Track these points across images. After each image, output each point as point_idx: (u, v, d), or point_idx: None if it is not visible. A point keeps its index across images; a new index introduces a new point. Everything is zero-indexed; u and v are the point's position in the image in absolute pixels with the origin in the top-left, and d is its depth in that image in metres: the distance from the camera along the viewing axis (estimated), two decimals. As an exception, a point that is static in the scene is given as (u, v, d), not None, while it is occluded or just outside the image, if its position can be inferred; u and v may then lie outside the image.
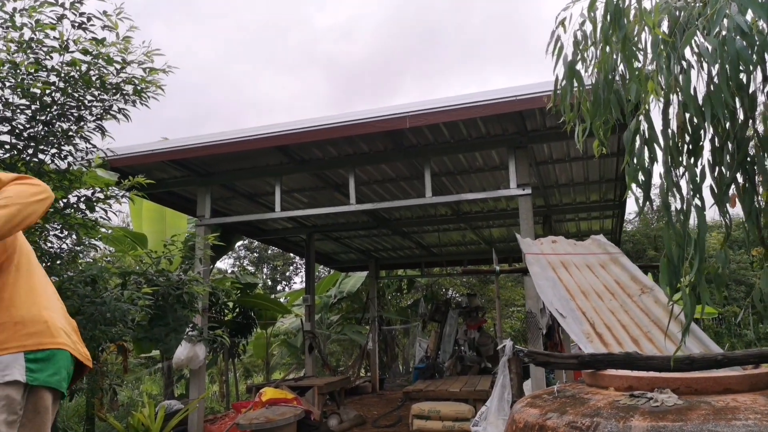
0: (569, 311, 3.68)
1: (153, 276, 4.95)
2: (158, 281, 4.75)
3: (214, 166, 7.99)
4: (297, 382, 8.62)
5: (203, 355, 7.49)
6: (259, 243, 39.50)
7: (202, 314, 7.86)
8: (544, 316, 6.74)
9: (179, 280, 4.87)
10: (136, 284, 4.63)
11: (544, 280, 4.07)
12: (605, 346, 3.33)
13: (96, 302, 3.62)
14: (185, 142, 6.96)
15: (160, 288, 4.62)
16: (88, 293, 3.65)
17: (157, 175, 8.34)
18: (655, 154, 2.80)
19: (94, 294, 3.70)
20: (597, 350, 3.28)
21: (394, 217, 10.83)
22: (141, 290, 4.16)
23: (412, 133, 6.92)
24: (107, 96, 4.04)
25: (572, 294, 3.94)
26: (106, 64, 3.94)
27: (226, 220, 8.51)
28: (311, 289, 11.15)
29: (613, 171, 8.27)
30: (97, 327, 3.56)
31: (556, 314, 3.59)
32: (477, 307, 11.62)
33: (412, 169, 8.11)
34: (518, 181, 6.72)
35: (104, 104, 4.07)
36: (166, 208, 10.26)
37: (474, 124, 6.68)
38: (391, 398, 12.41)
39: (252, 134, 6.71)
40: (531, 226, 6.54)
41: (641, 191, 2.82)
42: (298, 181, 8.78)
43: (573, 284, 4.09)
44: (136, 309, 3.99)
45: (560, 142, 7.13)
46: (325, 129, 6.45)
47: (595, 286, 4.07)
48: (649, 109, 2.92)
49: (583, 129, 3.40)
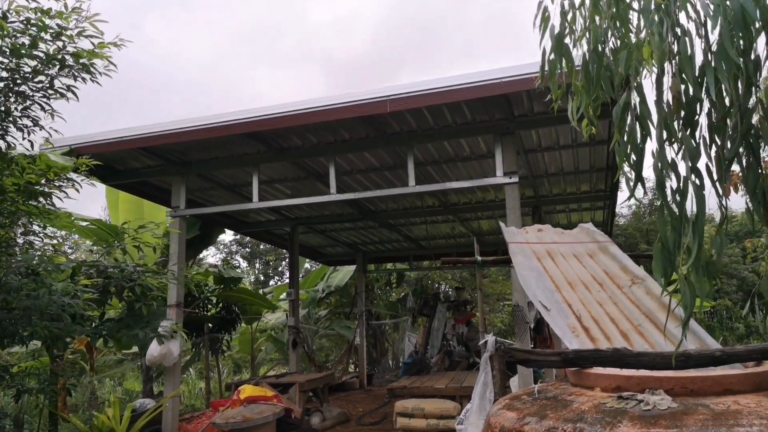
0: (554, 303, 3.40)
1: (107, 267, 4.62)
2: (112, 273, 4.41)
3: (188, 154, 7.66)
4: (278, 379, 8.32)
5: (177, 351, 7.17)
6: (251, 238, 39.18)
7: (179, 309, 7.55)
8: (532, 309, 6.47)
9: (133, 271, 4.53)
10: (86, 276, 4.30)
11: (528, 271, 3.78)
12: (592, 341, 3.05)
13: (31, 296, 3.30)
14: (155, 129, 6.62)
15: (113, 280, 4.29)
16: (24, 285, 3.33)
17: (130, 165, 8.01)
18: (648, 129, 2.53)
19: (32, 287, 3.38)
20: (583, 345, 3.00)
21: (380, 208, 10.53)
22: (79, 282, 3.83)
23: (395, 120, 6.62)
24: (49, 69, 3.69)
25: (558, 285, 3.66)
26: (39, 30, 3.58)
27: (202, 210, 8.18)
28: (295, 283, 10.85)
29: (604, 159, 7.99)
30: (31, 322, 3.24)
31: (540, 307, 3.31)
32: (465, 301, 11.36)
33: (396, 157, 7.80)
34: (505, 169, 6.43)
35: (46, 79, 3.73)
36: (144, 200, 9.92)
37: (459, 109, 6.38)
38: (378, 394, 12.14)
39: (225, 120, 6.38)
40: (518, 216, 6.26)
41: (633, 171, 2.55)
42: (278, 171, 8.46)
43: (559, 275, 3.81)
44: (77, 302, 3.66)
45: (549, 128, 6.85)
46: (302, 114, 6.13)
47: (583, 276, 3.79)
48: (640, 82, 2.64)
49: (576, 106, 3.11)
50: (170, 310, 7.42)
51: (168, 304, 7.49)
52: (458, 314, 11.09)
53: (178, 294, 7.48)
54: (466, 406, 6.00)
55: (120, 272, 4.44)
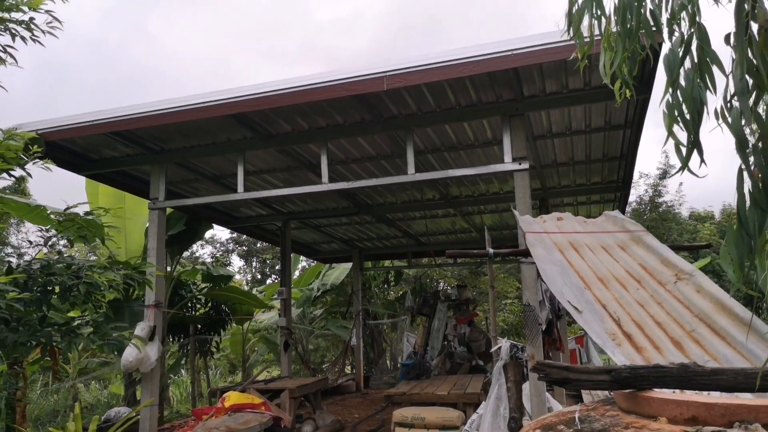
0: (585, 304, 2.80)
1: (48, 262, 4.00)
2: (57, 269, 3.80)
3: (168, 141, 7.04)
4: (267, 384, 7.72)
5: (155, 356, 6.56)
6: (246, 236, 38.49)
7: (158, 309, 6.93)
8: (544, 309, 5.86)
9: (81, 267, 3.92)
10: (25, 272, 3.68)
11: (550, 265, 3.18)
12: (638, 352, 2.45)
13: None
14: (128, 112, 6.00)
15: (56, 277, 3.68)
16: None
17: (106, 153, 7.39)
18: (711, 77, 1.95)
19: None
20: (628, 356, 2.40)
21: (377, 202, 9.92)
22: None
23: (393, 101, 6.01)
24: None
25: (587, 282, 3.06)
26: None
27: (183, 202, 7.56)
28: (287, 281, 10.24)
29: (619, 146, 7.40)
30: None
31: (569, 308, 2.71)
32: (467, 300, 10.76)
33: (394, 145, 7.20)
34: (514, 154, 5.83)
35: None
36: (126, 193, 9.29)
37: (463, 89, 5.78)
38: (376, 398, 11.54)
39: (204, 101, 5.77)
40: (529, 206, 5.67)
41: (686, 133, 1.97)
42: (267, 161, 7.85)
43: (587, 270, 3.20)
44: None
45: (562, 111, 6.25)
46: (288, 94, 5.52)
47: (615, 271, 3.19)
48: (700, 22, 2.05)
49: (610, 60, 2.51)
50: (148, 310, 6.81)
51: (146, 305, 6.89)
52: (460, 314, 10.50)
53: (156, 293, 6.87)
54: (471, 416, 5.40)
55: (66, 268, 3.82)
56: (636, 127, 6.56)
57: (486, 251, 3.75)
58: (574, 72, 5.48)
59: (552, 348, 7.72)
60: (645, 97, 5.64)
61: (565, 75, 5.54)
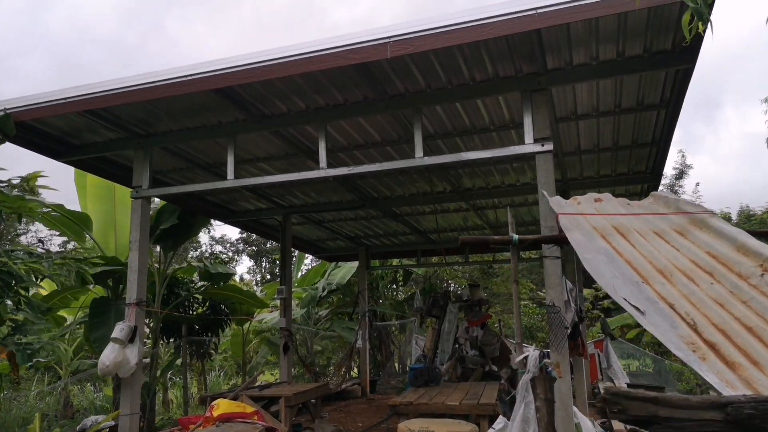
0: (646, 302, 2.11)
1: None
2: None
3: (154, 124, 6.42)
4: (262, 391, 7.07)
5: (135, 359, 5.94)
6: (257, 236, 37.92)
7: (140, 308, 6.32)
8: (569, 310, 5.17)
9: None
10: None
11: (594, 253, 2.49)
12: (731, 369, 1.76)
13: None
14: (104, 87, 5.38)
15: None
16: None
17: (88, 138, 6.80)
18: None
19: None
20: (718, 371, 1.70)
21: (383, 195, 9.25)
22: None
23: (398, 75, 5.34)
24: None
25: (643, 275, 2.37)
26: None
27: (168, 190, 6.94)
28: (287, 279, 9.59)
29: (650, 131, 6.67)
30: None
31: (628, 307, 2.02)
32: (480, 300, 10.05)
33: (400, 128, 6.53)
34: (536, 134, 5.14)
35: None
36: (116, 184, 8.71)
37: (478, 60, 5.09)
38: (382, 404, 10.85)
39: (188, 74, 5.13)
40: (553, 192, 4.97)
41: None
42: (264, 148, 7.21)
43: (641, 259, 2.51)
44: None
45: (589, 86, 5.55)
46: (281, 64, 4.86)
47: (678, 262, 2.49)
48: None
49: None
50: (128, 309, 6.19)
51: (126, 303, 6.27)
52: (472, 315, 9.78)
53: (138, 290, 6.26)
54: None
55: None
56: (673, 106, 5.84)
57: (508, 237, 3.07)
58: (606, 39, 4.79)
59: (574, 354, 6.97)
60: (687, 67, 4.92)
61: (595, 42, 4.83)
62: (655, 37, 4.77)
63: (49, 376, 12.76)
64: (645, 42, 4.84)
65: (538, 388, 2.74)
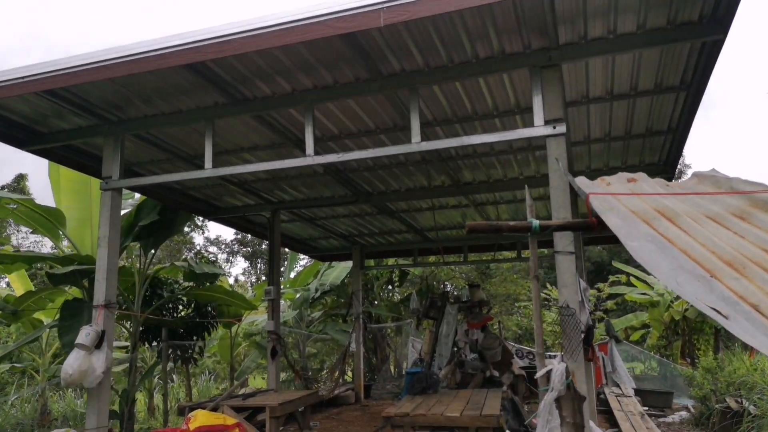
0: (723, 302, 1.57)
1: None
2: None
3: (126, 108, 5.86)
4: (245, 400, 6.51)
5: (102, 367, 5.37)
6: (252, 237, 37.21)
7: (109, 310, 5.75)
8: (584, 311, 4.63)
9: None
10: None
11: (643, 241, 1.96)
12: None
13: None
14: (62, 65, 4.81)
15: None
16: None
17: (55, 124, 6.23)
18: None
19: None
20: None
21: (377, 189, 8.70)
22: None
23: (393, 51, 4.80)
24: None
25: (707, 267, 1.85)
26: None
27: (141, 181, 6.38)
28: (275, 279, 9.02)
29: (667, 117, 6.15)
30: None
31: (707, 310, 1.48)
32: (480, 302, 9.51)
33: (396, 113, 5.99)
34: (547, 115, 4.61)
35: None
36: (93, 178, 8.14)
37: (483, 33, 4.56)
38: (377, 411, 10.30)
39: (158, 47, 4.56)
40: (565, 182, 4.43)
41: None
42: (249, 137, 6.66)
43: (700, 249, 1.98)
44: None
45: (605, 62, 5.02)
46: (259, 35, 4.30)
47: (748, 252, 1.96)
48: None
49: None
50: (96, 311, 5.63)
51: (94, 305, 5.71)
52: (472, 317, 9.23)
53: (108, 291, 5.69)
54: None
55: None
56: (695, 88, 5.31)
57: (527, 223, 2.52)
58: (626, 8, 4.27)
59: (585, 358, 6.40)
60: (717, 39, 4.39)
61: (614, 13, 4.31)
62: (681, 7, 4.25)
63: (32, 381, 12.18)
64: (669, 12, 4.32)
65: (565, 410, 2.20)
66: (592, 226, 2.32)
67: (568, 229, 2.80)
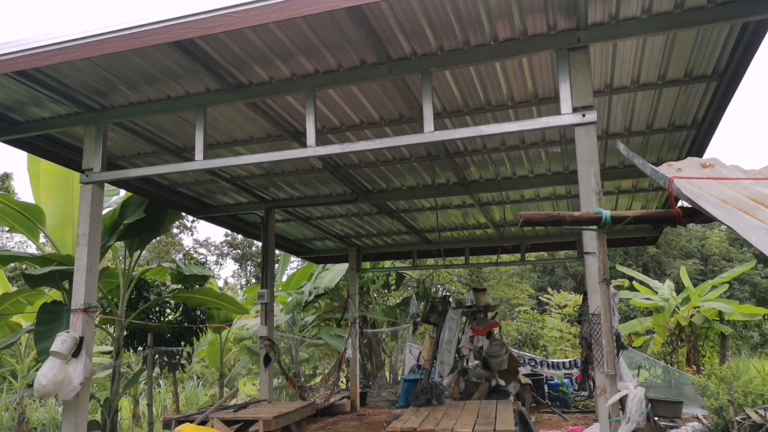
0: None
1: None
2: None
3: (109, 95, 5.37)
4: (236, 412, 6.01)
5: (80, 378, 4.86)
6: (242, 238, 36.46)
7: (88, 315, 5.24)
8: (614, 317, 4.19)
9: None
10: None
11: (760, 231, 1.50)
12: None
13: None
14: (34, 43, 4.32)
15: None
16: None
17: (33, 113, 5.74)
18: None
19: None
20: None
21: (378, 187, 8.25)
22: None
23: (405, 33, 4.36)
24: None
25: None
26: None
27: (125, 174, 5.86)
28: (269, 282, 8.53)
29: (693, 110, 5.75)
30: None
31: None
32: (486, 306, 9.06)
33: (405, 102, 5.55)
34: (575, 102, 4.17)
35: None
36: (75, 173, 7.62)
37: (505, 11, 4.13)
38: (374, 421, 9.83)
39: (140, 24, 4.09)
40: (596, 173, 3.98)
41: None
42: (243, 128, 6.19)
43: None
44: None
45: (635, 45, 4.59)
46: (253, 10, 3.84)
47: None
48: None
49: None
50: (74, 316, 5.12)
51: (71, 308, 5.20)
52: (476, 323, 8.78)
53: (87, 293, 5.19)
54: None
55: None
56: (730, 76, 4.91)
57: (596, 214, 2.07)
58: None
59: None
60: (762, 18, 3.97)
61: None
62: (724, -17, 3.85)
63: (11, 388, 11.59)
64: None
65: (642, 446, 1.76)
66: (677, 217, 1.88)
67: (648, 221, 2.35)
